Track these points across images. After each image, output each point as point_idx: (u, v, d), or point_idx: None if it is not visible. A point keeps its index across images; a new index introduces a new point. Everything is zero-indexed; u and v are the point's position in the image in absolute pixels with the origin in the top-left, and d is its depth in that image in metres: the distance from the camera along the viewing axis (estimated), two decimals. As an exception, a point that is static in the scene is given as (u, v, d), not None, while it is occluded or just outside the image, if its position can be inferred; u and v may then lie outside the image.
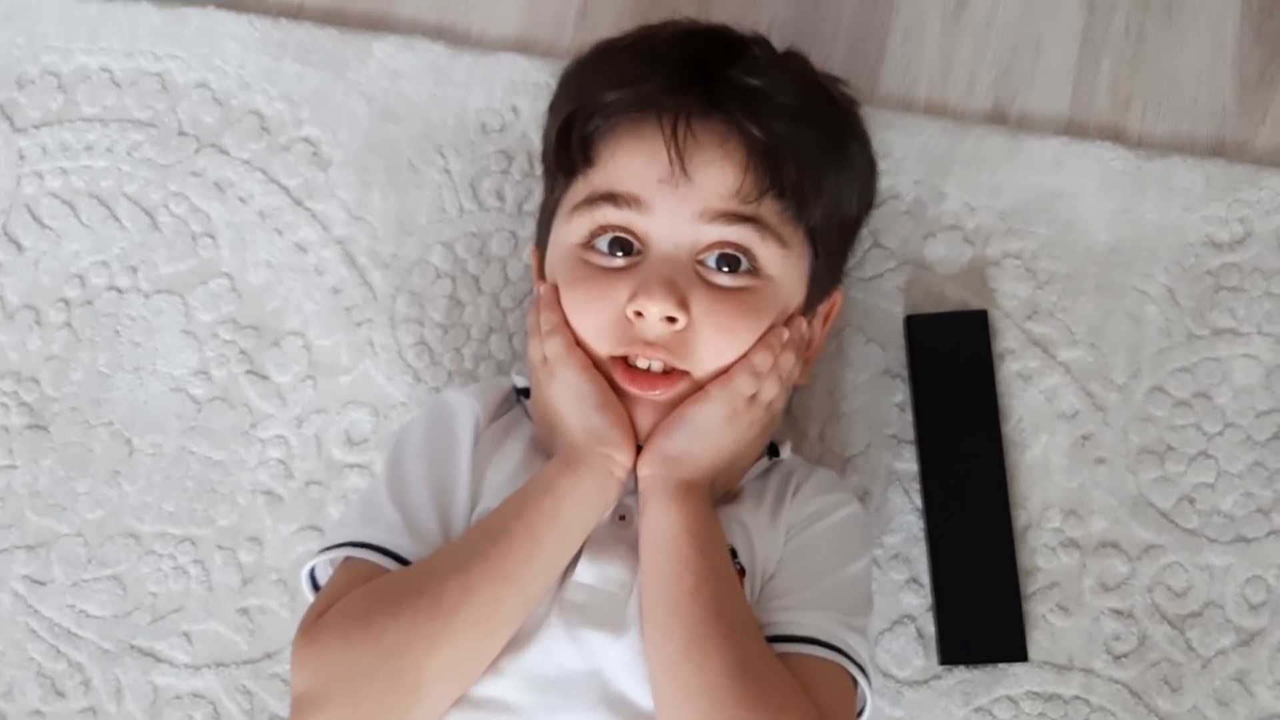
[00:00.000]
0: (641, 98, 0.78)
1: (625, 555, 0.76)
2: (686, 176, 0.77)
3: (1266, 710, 0.89)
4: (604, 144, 0.80)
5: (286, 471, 0.94)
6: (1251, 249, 0.95)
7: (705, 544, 0.74)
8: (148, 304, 0.96)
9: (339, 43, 0.99)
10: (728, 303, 0.77)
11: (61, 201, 0.98)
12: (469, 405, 0.82)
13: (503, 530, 0.74)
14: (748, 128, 0.77)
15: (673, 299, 0.75)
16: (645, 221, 0.78)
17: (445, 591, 0.71)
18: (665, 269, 0.76)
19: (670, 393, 0.77)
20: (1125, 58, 1.00)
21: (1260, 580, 0.91)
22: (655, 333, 0.76)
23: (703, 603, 0.72)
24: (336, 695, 0.70)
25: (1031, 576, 0.91)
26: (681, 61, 0.80)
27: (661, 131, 0.77)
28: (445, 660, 0.71)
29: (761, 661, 0.72)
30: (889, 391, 0.94)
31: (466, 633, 0.71)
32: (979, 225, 0.96)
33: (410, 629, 0.70)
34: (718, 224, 0.77)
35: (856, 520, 0.83)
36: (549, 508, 0.75)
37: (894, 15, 1.00)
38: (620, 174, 0.78)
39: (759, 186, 0.77)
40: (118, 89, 0.99)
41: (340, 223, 0.97)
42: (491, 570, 0.72)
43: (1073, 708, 0.90)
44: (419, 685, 0.70)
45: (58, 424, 0.95)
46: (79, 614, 0.92)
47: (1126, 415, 0.93)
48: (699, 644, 0.71)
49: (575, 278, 0.79)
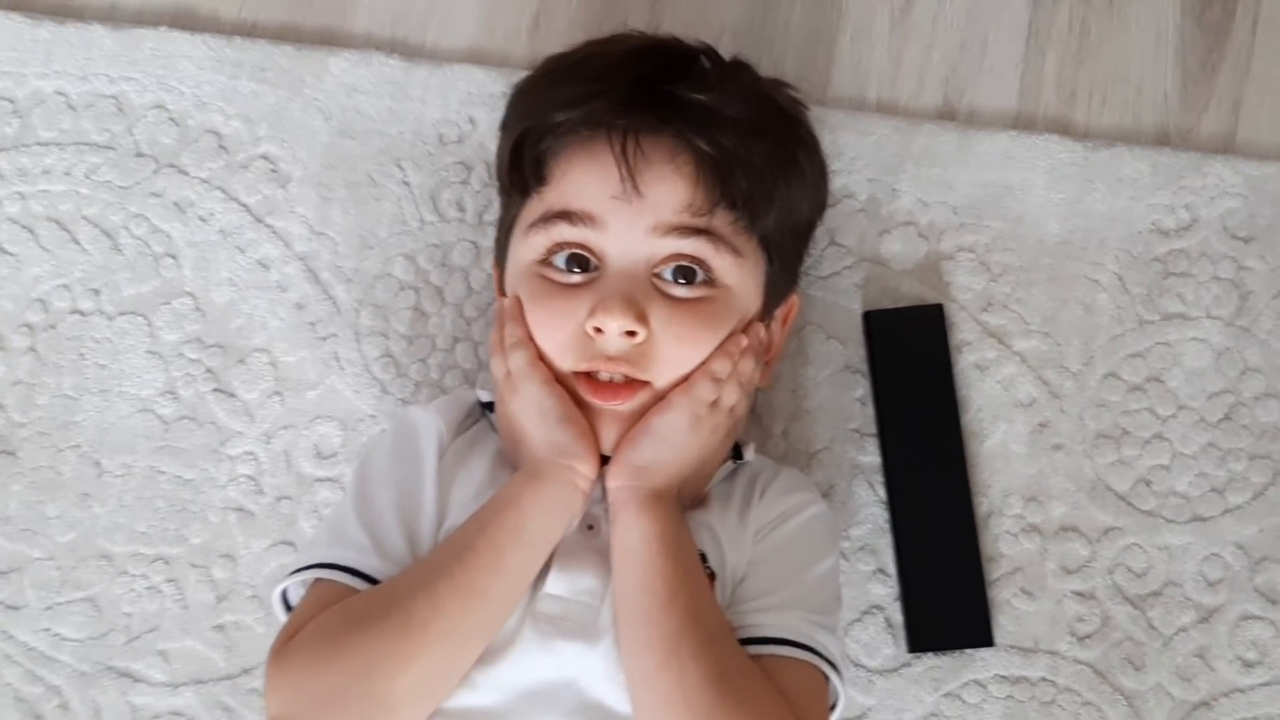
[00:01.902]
0: (591, 117, 0.79)
1: (595, 564, 0.77)
2: (638, 193, 0.78)
3: (1228, 684, 0.92)
4: (556, 163, 0.81)
5: (257, 488, 0.94)
6: (1198, 235, 0.98)
7: (676, 552, 0.75)
8: (112, 326, 0.96)
9: (294, 60, 0.99)
10: (686, 314, 0.78)
11: (21, 226, 0.98)
12: (432, 422, 0.83)
13: (468, 546, 0.75)
14: (697, 143, 0.78)
15: (631, 314, 0.76)
16: (600, 238, 0.79)
17: (413, 610, 0.72)
18: (623, 284, 0.77)
19: (631, 403, 0.78)
20: (1070, 51, 1.01)
21: (1217, 558, 0.93)
22: (615, 347, 0.77)
23: (678, 612, 0.73)
24: (310, 717, 0.70)
25: (995, 563, 0.93)
26: (630, 79, 0.80)
27: (612, 149, 0.78)
28: (416, 678, 0.71)
29: (737, 667, 0.73)
30: (850, 387, 0.95)
31: (436, 650, 0.72)
32: (933, 221, 0.98)
33: (380, 649, 0.71)
34: (671, 237, 0.78)
35: (823, 519, 0.84)
36: (513, 522, 0.75)
37: (843, 17, 1.02)
38: (574, 192, 0.79)
39: (710, 199, 0.79)
40: (73, 112, 0.99)
41: (301, 239, 0.97)
42: (458, 587, 0.73)
43: (1039, 689, 0.91)
44: (390, 704, 0.71)
45: (25, 449, 0.95)
46: (54, 637, 0.92)
47: (1082, 402, 0.95)
48: (676, 654, 0.72)
49: (535, 294, 0.80)
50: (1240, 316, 0.96)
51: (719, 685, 0.71)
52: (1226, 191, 0.98)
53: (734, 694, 0.71)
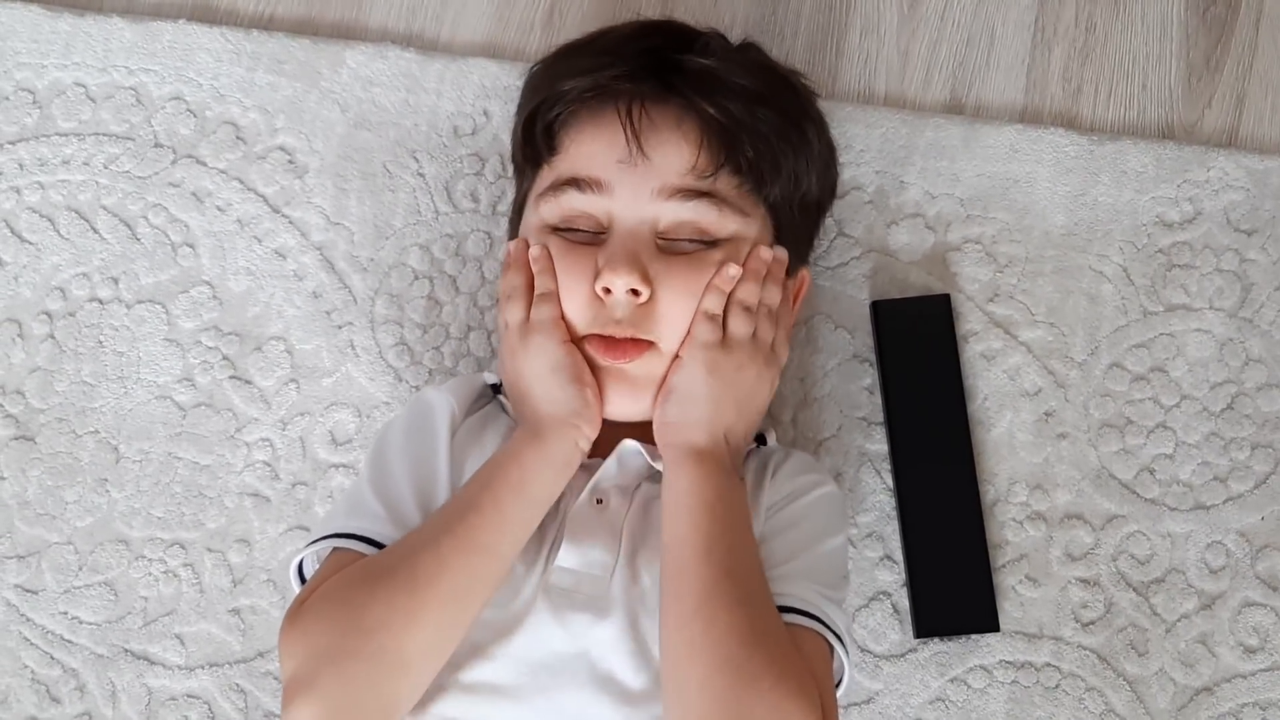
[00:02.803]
0: (599, 85, 0.81)
1: (605, 537, 0.78)
2: (644, 155, 0.79)
3: (1230, 670, 0.93)
4: (565, 133, 0.82)
5: (273, 473, 0.95)
6: (1201, 227, 0.99)
7: (714, 506, 0.76)
8: (130, 314, 0.98)
9: (311, 53, 1.01)
10: (684, 267, 0.79)
11: (40, 215, 0.99)
12: (445, 400, 0.84)
13: (471, 504, 0.76)
14: (702, 107, 0.80)
15: (636, 272, 0.78)
16: (607, 203, 0.80)
17: (419, 567, 0.73)
18: (629, 244, 0.79)
19: (638, 362, 0.79)
20: (1076, 46, 1.03)
21: (1220, 545, 0.94)
22: (621, 310, 0.79)
23: (713, 565, 0.74)
24: (324, 676, 0.71)
25: (1000, 549, 0.94)
26: (638, 51, 0.82)
27: (619, 115, 0.79)
28: (426, 634, 0.72)
29: (769, 628, 0.74)
30: (858, 376, 0.97)
31: (444, 605, 0.73)
32: (940, 212, 0.99)
33: (388, 606, 0.72)
34: (675, 200, 0.80)
35: (833, 498, 0.85)
36: (516, 479, 0.77)
37: (852, 11, 1.03)
38: (582, 159, 0.81)
39: (714, 161, 0.80)
40: (93, 103, 1.01)
41: (318, 228, 0.99)
42: (462, 543, 0.74)
43: (1044, 675, 0.92)
44: (403, 661, 0.72)
45: (44, 435, 0.96)
46: (72, 621, 0.94)
47: (1086, 391, 0.96)
48: (708, 604, 0.73)
49: (551, 251, 0.81)
50: (1243, 308, 0.98)
51: (748, 640, 0.72)
52: (1230, 185, 0.99)
53: (763, 651, 0.72)
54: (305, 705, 0.71)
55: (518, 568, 0.78)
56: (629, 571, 0.78)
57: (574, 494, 0.81)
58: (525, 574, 0.78)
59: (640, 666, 0.75)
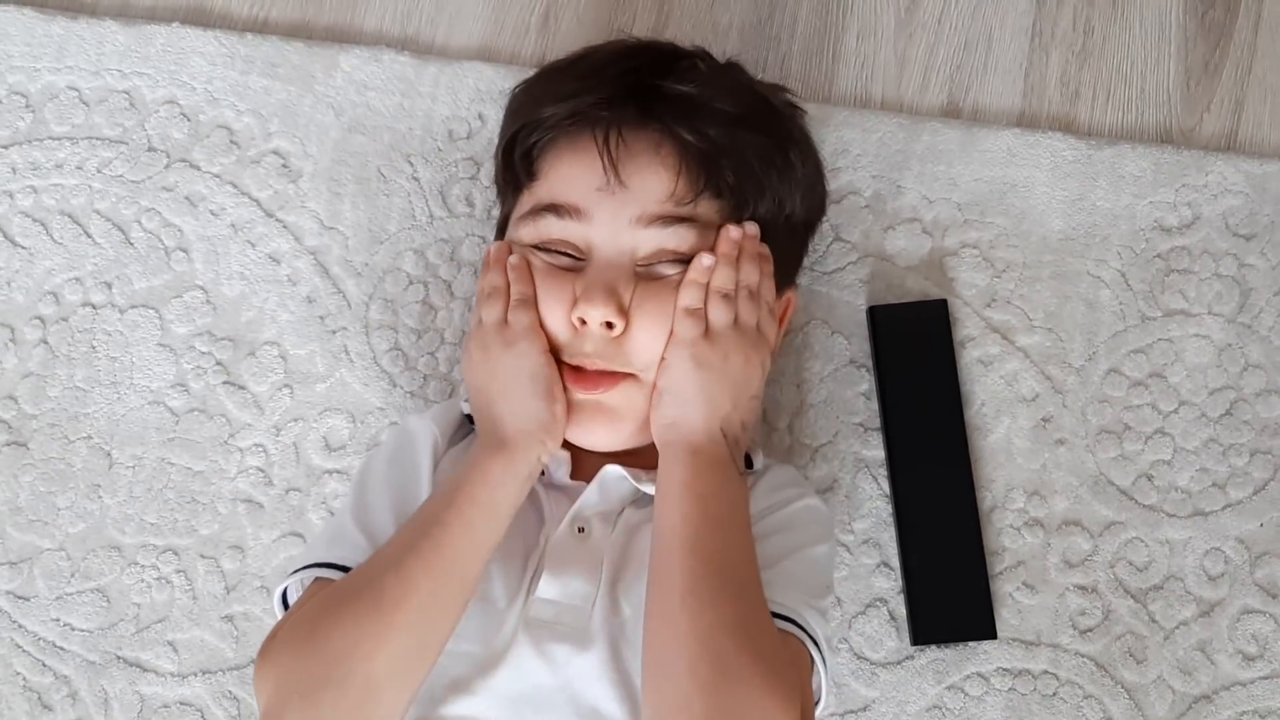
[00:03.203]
0: (578, 111, 0.80)
1: (586, 568, 0.77)
2: (621, 183, 0.79)
3: (1228, 678, 0.92)
4: (544, 159, 0.82)
5: (266, 479, 0.95)
6: (1200, 232, 0.98)
7: (708, 501, 0.75)
8: (123, 319, 0.97)
9: (306, 56, 1.00)
10: (659, 294, 0.78)
11: (33, 220, 0.99)
12: (428, 429, 0.84)
13: (436, 522, 0.74)
14: (680, 133, 0.79)
15: (612, 304, 0.77)
16: (586, 230, 0.79)
17: (384, 589, 0.72)
18: (607, 274, 0.78)
19: (613, 392, 0.78)
20: (1074, 50, 1.02)
21: (1218, 552, 0.94)
22: (593, 344, 0.78)
23: (702, 557, 0.73)
24: (293, 706, 0.70)
25: (998, 556, 0.93)
26: (617, 76, 0.82)
27: (595, 142, 0.79)
28: (393, 655, 0.71)
29: (759, 624, 0.72)
30: (854, 381, 0.96)
31: (410, 626, 0.72)
32: (937, 217, 0.98)
33: (354, 630, 0.71)
34: (655, 227, 0.79)
35: (815, 510, 0.84)
36: (484, 497, 0.75)
37: (848, 15, 1.03)
38: (560, 185, 0.80)
39: (693, 188, 0.79)
40: (86, 107, 1.00)
41: (312, 233, 0.98)
42: (429, 563, 0.73)
43: (1041, 682, 0.92)
44: (370, 686, 0.70)
45: (37, 440, 0.96)
46: (64, 627, 0.93)
47: (1085, 397, 0.96)
48: (694, 595, 0.71)
49: (532, 270, 0.80)
50: (1242, 313, 0.97)
51: (737, 635, 0.70)
52: (1228, 189, 0.99)
53: (751, 648, 0.70)
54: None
55: (499, 600, 0.77)
56: (609, 601, 0.77)
57: (555, 522, 0.80)
58: (506, 606, 0.77)
59: (623, 697, 0.74)
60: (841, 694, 0.92)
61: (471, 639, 0.75)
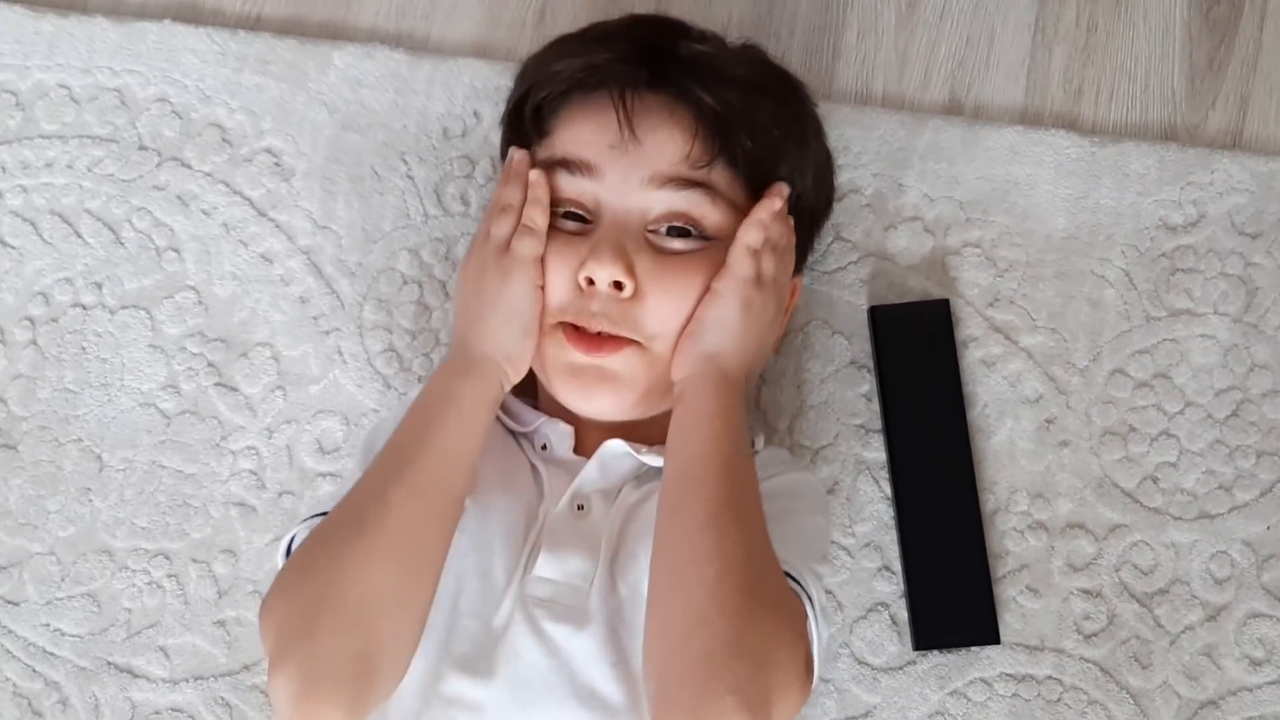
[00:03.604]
0: (592, 67, 0.79)
1: (585, 546, 0.77)
2: (636, 140, 0.78)
3: (1235, 683, 0.91)
4: (556, 115, 0.81)
5: (259, 482, 0.94)
6: (1205, 231, 0.97)
7: (737, 437, 0.75)
8: (114, 319, 0.96)
9: (298, 53, 0.99)
10: (675, 267, 0.78)
11: (23, 219, 0.97)
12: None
13: (413, 445, 0.75)
14: (698, 95, 0.78)
15: (620, 264, 0.76)
16: (597, 188, 0.79)
17: (363, 514, 0.72)
18: (616, 234, 0.78)
19: (615, 358, 0.78)
20: (1077, 47, 1.01)
21: (1224, 555, 0.93)
22: (602, 302, 0.77)
23: (731, 482, 0.73)
24: (294, 641, 0.69)
25: (1001, 560, 0.92)
26: (633, 39, 0.81)
27: (611, 98, 0.78)
28: (380, 579, 0.70)
29: (771, 555, 0.72)
30: (855, 382, 0.95)
31: (391, 547, 0.71)
32: (939, 216, 0.97)
33: (338, 556, 0.71)
34: (667, 189, 0.78)
35: (809, 483, 0.85)
36: (454, 415, 0.76)
37: (849, 11, 1.01)
38: (572, 141, 0.80)
39: (709, 152, 0.78)
40: (76, 105, 0.99)
41: (305, 232, 0.97)
42: (402, 482, 0.73)
43: (1045, 687, 0.91)
44: (364, 609, 0.70)
45: (26, 443, 0.94)
46: (54, 633, 0.92)
47: (1089, 398, 0.95)
48: (720, 516, 0.71)
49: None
50: (1248, 313, 0.96)
51: (756, 561, 0.70)
52: (1234, 187, 0.97)
53: (768, 569, 0.70)
54: (281, 675, 0.69)
55: (498, 577, 0.76)
56: (608, 581, 0.76)
57: (554, 498, 0.79)
58: (504, 585, 0.76)
59: (620, 677, 0.74)
60: (843, 699, 0.91)
61: (472, 615, 0.75)
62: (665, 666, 0.68)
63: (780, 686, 0.68)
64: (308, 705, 0.69)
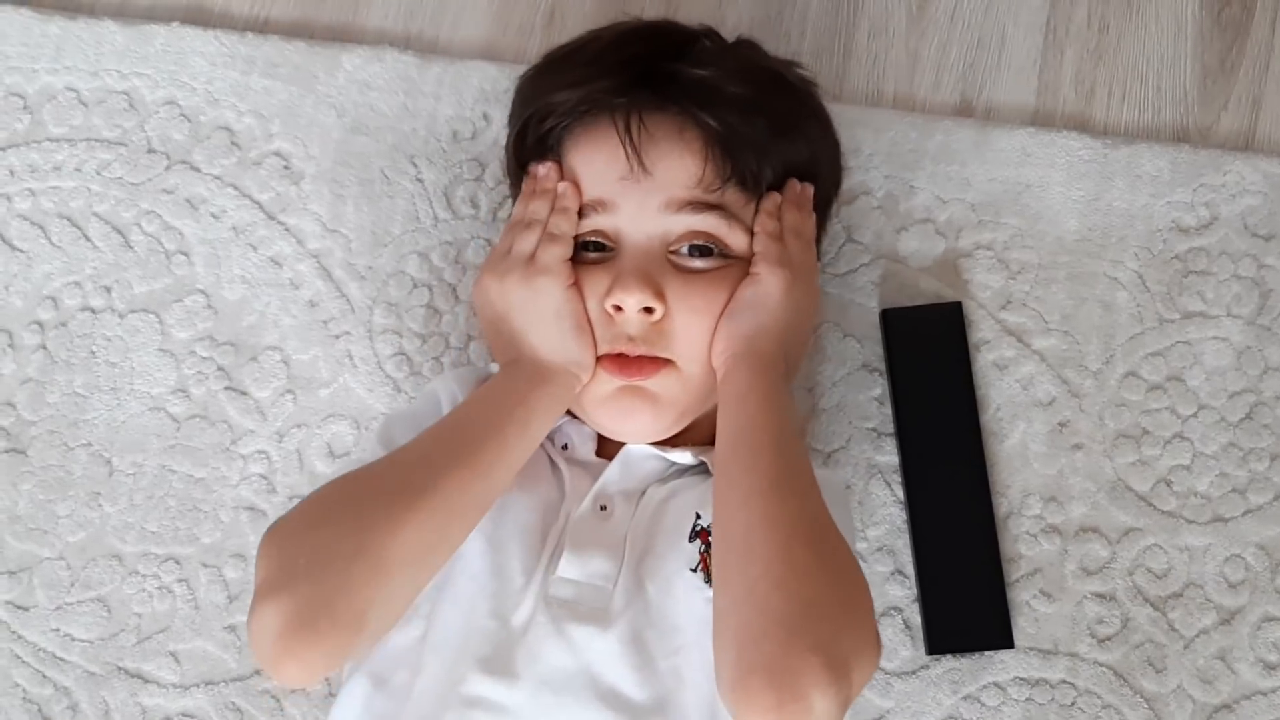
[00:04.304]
0: (591, 98, 0.79)
1: (608, 547, 0.77)
2: (646, 170, 0.78)
3: (1250, 687, 0.91)
4: (561, 144, 0.81)
5: (269, 486, 0.93)
6: (1218, 232, 0.97)
7: (783, 411, 0.75)
8: (123, 323, 0.96)
9: (307, 56, 0.99)
10: (701, 286, 0.78)
11: (31, 223, 0.97)
12: (448, 386, 0.84)
13: (471, 426, 0.76)
14: (702, 118, 0.78)
15: (649, 290, 0.77)
16: (613, 220, 0.79)
17: (411, 478, 0.72)
18: (638, 261, 0.78)
19: (655, 379, 0.78)
20: (1088, 48, 1.01)
21: (1239, 559, 0.92)
22: (634, 326, 0.78)
23: (785, 454, 0.73)
24: (299, 574, 0.68)
25: (1014, 564, 0.92)
26: (629, 60, 0.80)
27: (616, 129, 0.78)
28: (407, 542, 0.70)
29: (832, 524, 0.72)
30: (867, 385, 0.95)
31: (431, 516, 0.71)
32: (950, 218, 0.97)
33: (373, 508, 0.70)
34: (684, 214, 0.78)
35: (833, 481, 0.85)
36: (521, 417, 0.76)
37: (859, 12, 1.01)
38: (584, 179, 0.80)
39: (721, 175, 0.79)
40: (84, 108, 0.99)
41: (314, 236, 0.97)
42: (459, 459, 0.73)
43: (1059, 692, 0.90)
44: (382, 563, 0.69)
45: (36, 447, 0.94)
46: (64, 638, 0.92)
47: (1102, 401, 0.94)
48: (782, 484, 0.71)
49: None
50: (1261, 315, 0.95)
51: (820, 523, 0.70)
52: (1246, 189, 0.97)
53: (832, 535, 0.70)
54: (274, 603, 0.67)
55: (515, 577, 0.76)
56: (632, 581, 0.76)
57: (576, 499, 0.79)
58: (525, 584, 0.76)
59: (644, 680, 0.73)
60: (855, 705, 0.90)
61: (489, 614, 0.75)
62: (743, 631, 0.67)
63: (859, 649, 0.67)
64: (292, 643, 0.67)
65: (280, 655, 0.67)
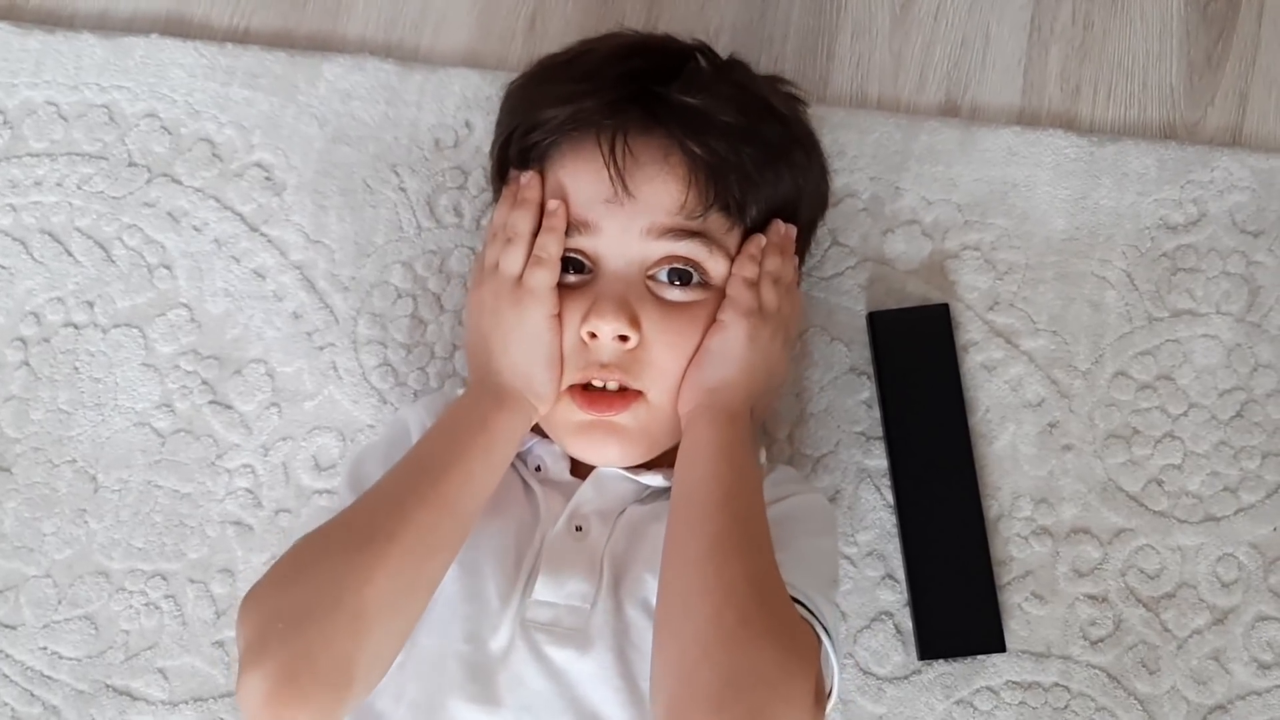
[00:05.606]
0: (578, 116, 0.78)
1: (584, 567, 0.76)
2: (629, 194, 0.77)
3: (1244, 687, 0.90)
4: (546, 158, 0.80)
5: (255, 501, 0.93)
6: (1206, 230, 0.96)
7: (740, 465, 0.75)
8: (106, 339, 0.95)
9: (288, 66, 0.98)
10: (678, 318, 0.78)
11: (12, 239, 0.97)
12: (418, 416, 0.84)
13: (434, 463, 0.75)
14: (689, 145, 0.77)
15: (624, 317, 0.76)
16: (594, 242, 0.78)
17: (377, 524, 0.71)
18: (617, 287, 0.77)
19: (626, 414, 0.77)
20: (1074, 45, 1.00)
21: (1231, 558, 0.92)
22: (608, 353, 0.77)
23: (731, 514, 0.72)
24: (277, 636, 0.67)
25: (1005, 566, 0.91)
26: (619, 78, 0.79)
27: (601, 150, 0.77)
28: (384, 587, 0.69)
29: (778, 585, 0.71)
30: (855, 389, 0.94)
31: (402, 561, 0.70)
32: (937, 219, 0.96)
33: (343, 562, 0.69)
34: (665, 239, 0.78)
35: (818, 504, 0.84)
36: (483, 443, 0.76)
37: (842, 14, 1.00)
38: (566, 198, 0.79)
39: (703, 201, 0.78)
40: (65, 122, 0.98)
41: (297, 247, 0.96)
42: (424, 500, 0.72)
43: (1052, 695, 0.90)
44: (361, 613, 0.68)
45: (20, 465, 0.94)
46: (51, 656, 0.91)
47: (1091, 401, 0.94)
48: (721, 549, 0.70)
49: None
50: (1250, 312, 0.95)
51: (759, 588, 0.70)
52: (1234, 185, 0.96)
53: (773, 602, 0.70)
54: (257, 668, 0.66)
55: (492, 600, 0.75)
56: (612, 602, 0.75)
57: (551, 521, 0.78)
58: (501, 608, 0.75)
59: (627, 701, 0.73)
60: (848, 710, 0.90)
61: (466, 638, 0.74)
62: (672, 700, 0.67)
63: (793, 714, 0.67)
64: (280, 706, 0.66)
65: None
